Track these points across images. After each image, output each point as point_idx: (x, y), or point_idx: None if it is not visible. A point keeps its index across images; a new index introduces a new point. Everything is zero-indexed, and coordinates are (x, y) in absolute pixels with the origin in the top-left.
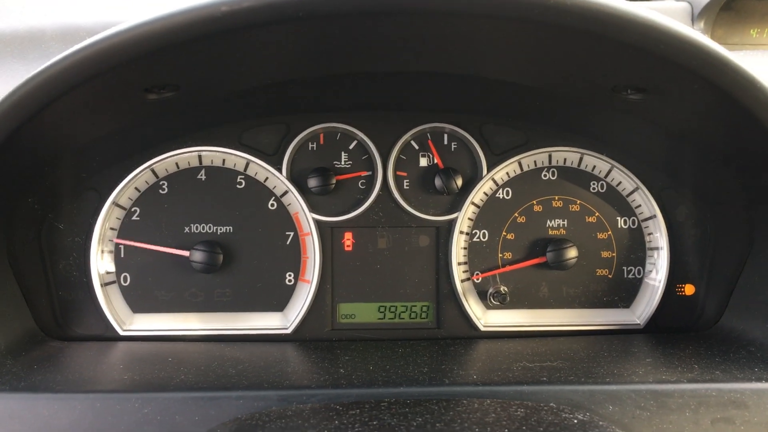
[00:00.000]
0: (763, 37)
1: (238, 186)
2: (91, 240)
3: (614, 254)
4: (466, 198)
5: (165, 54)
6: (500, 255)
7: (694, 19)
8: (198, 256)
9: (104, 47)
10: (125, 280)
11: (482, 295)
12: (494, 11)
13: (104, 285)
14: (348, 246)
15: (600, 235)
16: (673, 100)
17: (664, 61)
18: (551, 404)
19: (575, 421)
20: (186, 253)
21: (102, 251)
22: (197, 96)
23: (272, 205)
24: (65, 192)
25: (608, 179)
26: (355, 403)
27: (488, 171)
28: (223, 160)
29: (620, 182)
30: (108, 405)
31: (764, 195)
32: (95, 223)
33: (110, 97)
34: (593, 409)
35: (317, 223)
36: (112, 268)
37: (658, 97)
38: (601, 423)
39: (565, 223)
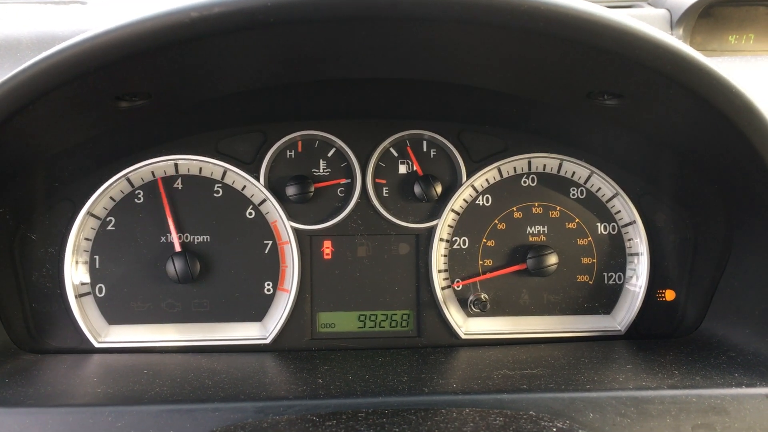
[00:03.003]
0: (741, 44)
1: (215, 195)
2: (65, 251)
3: (594, 260)
4: (446, 205)
5: (135, 61)
6: (480, 262)
7: (672, 26)
8: (175, 266)
9: (72, 54)
10: (100, 291)
11: (463, 302)
12: (467, 17)
13: (79, 296)
14: (327, 254)
15: (580, 241)
16: (650, 106)
17: (640, 67)
18: (531, 412)
19: (554, 429)
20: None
21: (76, 262)
22: (170, 104)
23: (250, 213)
24: (38, 202)
25: (588, 185)
26: (332, 414)
27: (468, 178)
28: (200, 169)
29: (600, 188)
30: (81, 419)
31: (742, 199)
32: (69, 234)
33: (81, 105)
34: (573, 417)
35: (296, 231)
36: (87, 279)
37: (635, 102)
38: (580, 431)
39: (545, 229)
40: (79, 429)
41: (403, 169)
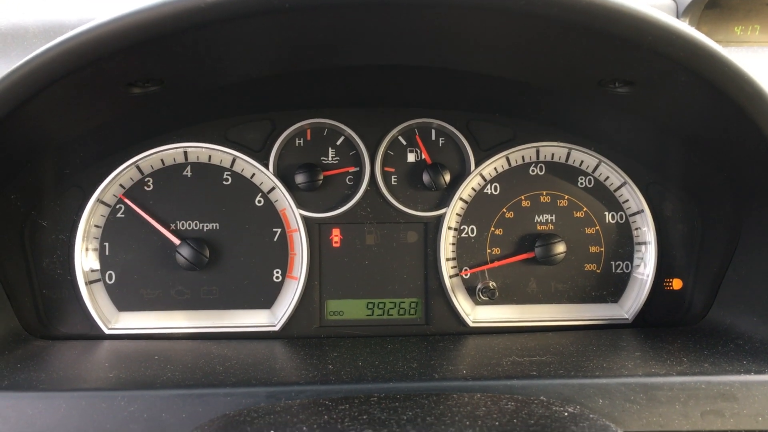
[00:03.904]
0: (747, 35)
1: (224, 182)
2: (75, 237)
3: (602, 249)
4: (454, 193)
5: (148, 47)
6: (489, 250)
7: (678, 16)
8: (184, 253)
9: (85, 40)
10: (110, 278)
11: (471, 290)
12: (480, 3)
13: (89, 283)
14: (336, 242)
15: (588, 230)
16: (661, 93)
17: (652, 53)
18: (541, 398)
19: (566, 414)
20: (176, 241)
21: (86, 249)
22: (182, 90)
23: (259, 201)
24: (48, 189)
25: (596, 174)
26: (345, 398)
27: (476, 166)
28: (209, 156)
29: (608, 177)
30: (93, 403)
31: (751, 188)
32: (79, 221)
33: (93, 91)
34: (583, 403)
35: (305, 219)
36: (96, 265)
37: (645, 90)
38: (591, 416)
39: (553, 218)
40: (91, 413)
41: (411, 157)
